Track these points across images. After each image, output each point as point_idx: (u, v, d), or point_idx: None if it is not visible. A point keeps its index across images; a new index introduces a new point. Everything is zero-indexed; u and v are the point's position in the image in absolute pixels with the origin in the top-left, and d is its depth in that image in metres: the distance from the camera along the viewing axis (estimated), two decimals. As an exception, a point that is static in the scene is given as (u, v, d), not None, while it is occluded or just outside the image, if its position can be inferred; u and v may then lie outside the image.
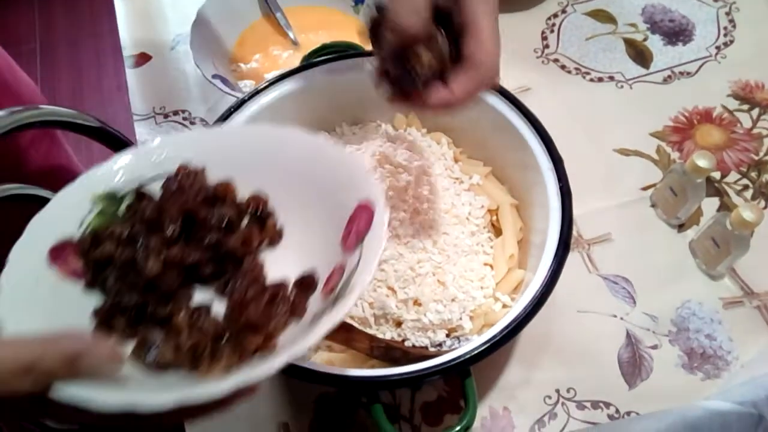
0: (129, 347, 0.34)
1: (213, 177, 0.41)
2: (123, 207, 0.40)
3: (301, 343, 0.30)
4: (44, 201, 0.68)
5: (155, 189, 0.40)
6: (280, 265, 0.39)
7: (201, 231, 0.38)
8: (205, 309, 0.36)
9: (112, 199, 0.40)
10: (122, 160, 0.41)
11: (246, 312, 0.34)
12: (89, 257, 0.37)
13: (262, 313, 0.35)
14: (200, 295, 0.37)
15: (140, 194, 0.40)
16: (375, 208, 0.36)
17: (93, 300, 0.36)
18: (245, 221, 0.40)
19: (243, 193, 0.41)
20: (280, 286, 0.37)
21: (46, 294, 0.34)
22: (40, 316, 0.32)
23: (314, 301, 0.36)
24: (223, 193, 0.40)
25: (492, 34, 0.41)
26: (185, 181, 0.40)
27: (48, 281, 0.35)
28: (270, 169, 0.41)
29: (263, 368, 0.29)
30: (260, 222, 0.40)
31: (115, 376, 0.29)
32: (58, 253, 0.36)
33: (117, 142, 0.69)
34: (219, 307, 0.37)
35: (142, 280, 0.35)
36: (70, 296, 0.35)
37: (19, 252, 0.34)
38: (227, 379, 0.29)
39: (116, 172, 0.40)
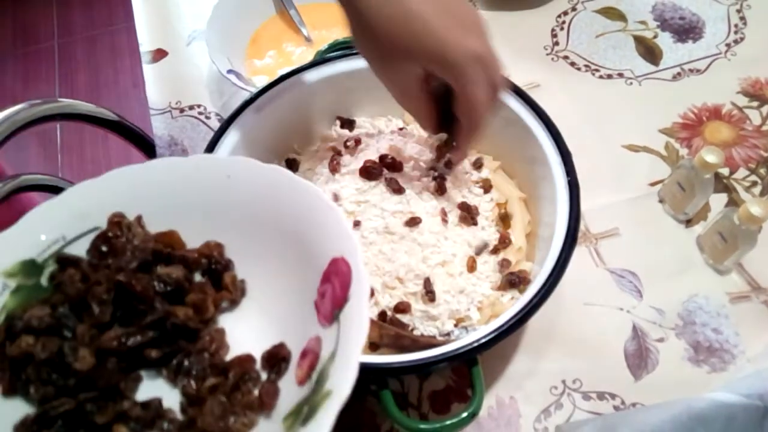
0: None
1: (152, 226, 0.34)
2: (45, 277, 0.33)
3: None
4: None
5: (83, 250, 0.33)
6: (244, 331, 0.33)
7: (141, 305, 0.31)
8: (155, 408, 0.30)
9: (30, 269, 0.32)
10: (38, 215, 0.33)
11: (204, 416, 0.29)
12: (3, 356, 0.30)
13: (221, 413, 0.29)
14: (149, 384, 0.31)
15: (63, 260, 0.33)
16: (352, 268, 0.29)
17: (12, 409, 0.29)
18: (196, 278, 0.34)
19: (190, 242, 0.34)
20: (245, 365, 0.31)
21: None
22: None
23: (287, 386, 0.31)
24: (166, 247, 0.33)
25: (475, 99, 0.43)
26: (118, 239, 0.33)
27: None
28: (221, 211, 0.34)
29: None
30: (215, 277, 0.34)
31: None
32: None
33: (134, 135, 0.70)
34: (173, 399, 0.31)
35: (72, 378, 0.29)
36: None
37: None
38: None
39: (33, 232, 0.33)
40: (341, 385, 0.27)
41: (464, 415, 0.41)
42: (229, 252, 0.35)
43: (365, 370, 0.41)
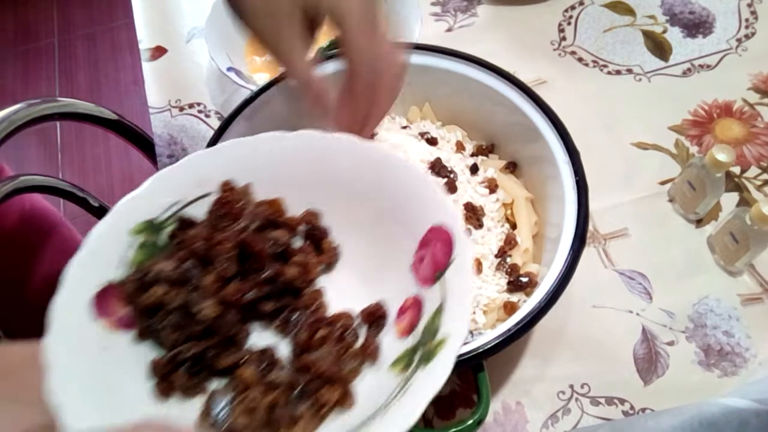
0: (194, 410, 0.31)
1: (258, 193, 0.37)
2: (164, 235, 0.36)
3: (404, 412, 0.27)
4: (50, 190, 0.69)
5: (198, 212, 0.36)
6: (338, 293, 0.35)
7: (257, 263, 0.34)
8: (269, 356, 0.33)
9: (150, 228, 0.36)
10: (155, 183, 0.36)
11: (316, 362, 0.31)
12: (137, 304, 0.33)
13: (333, 359, 0.31)
14: (258, 336, 0.34)
15: (184, 221, 0.36)
16: (453, 234, 0.32)
17: (144, 351, 0.32)
18: (297, 243, 0.36)
19: (291, 210, 0.37)
20: (346, 320, 0.33)
21: (97, 357, 0.31)
22: (96, 392, 0.29)
23: (388, 340, 0.33)
24: (273, 214, 0.36)
25: (360, 31, 0.38)
26: (233, 204, 0.36)
27: (96, 341, 0.31)
28: (319, 181, 0.37)
29: None
30: (315, 243, 0.37)
31: None
32: (101, 302, 0.32)
33: (134, 135, 0.69)
34: (283, 349, 0.33)
35: (198, 325, 0.32)
36: (120, 353, 0.32)
37: (60, 312, 0.31)
38: None
39: (151, 197, 0.36)
40: (456, 331, 0.29)
41: (470, 421, 0.40)
42: (326, 220, 0.37)
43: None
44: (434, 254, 0.32)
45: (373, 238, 0.35)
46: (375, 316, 0.34)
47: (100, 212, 0.74)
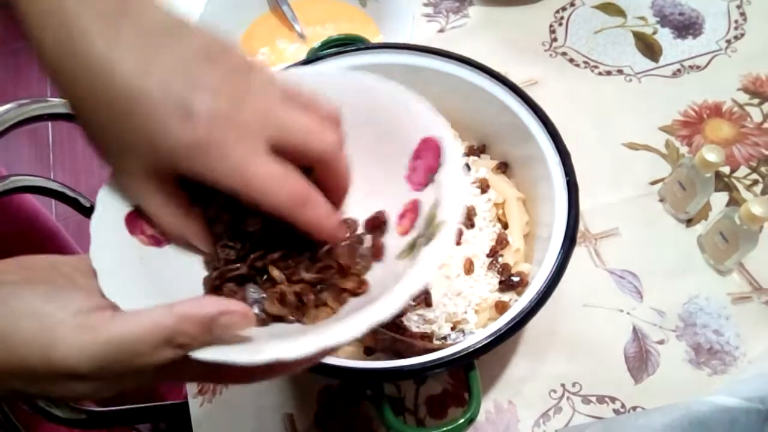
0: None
1: None
2: None
3: (410, 278, 0.29)
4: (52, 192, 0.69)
5: None
6: (342, 212, 0.37)
7: None
8: (294, 256, 0.35)
9: None
10: None
11: (335, 254, 0.34)
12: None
13: (348, 253, 0.34)
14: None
15: None
16: (442, 142, 0.34)
17: (182, 263, 0.34)
18: None
19: None
20: (352, 224, 0.36)
21: (138, 264, 0.32)
22: (145, 289, 0.31)
23: (391, 240, 0.35)
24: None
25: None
26: None
27: (135, 251, 0.33)
28: None
29: (385, 307, 0.28)
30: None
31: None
32: (132, 221, 0.34)
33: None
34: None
35: (246, 238, 0.34)
36: (157, 265, 0.33)
37: (97, 227, 0.32)
38: (357, 320, 0.28)
39: None
40: (453, 214, 0.31)
41: (461, 420, 0.40)
42: None
43: (360, 375, 0.41)
44: (426, 161, 0.35)
45: (372, 159, 0.37)
46: (377, 223, 0.36)
47: (91, 213, 0.73)
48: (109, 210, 0.33)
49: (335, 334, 0.27)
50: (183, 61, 0.29)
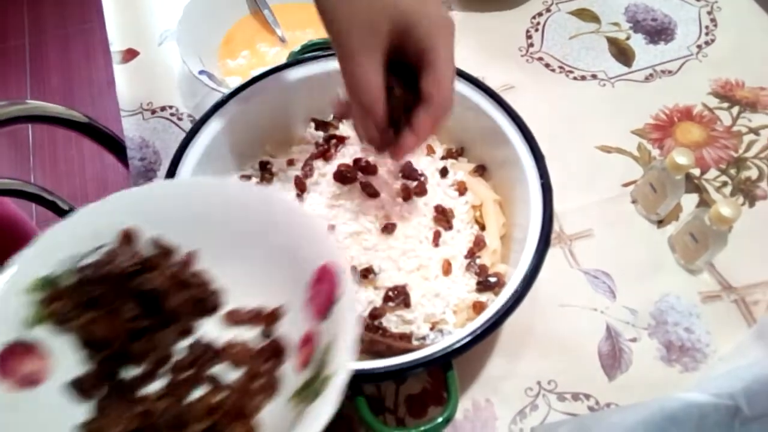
0: None
1: (145, 236, 0.39)
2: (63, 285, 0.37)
3: None
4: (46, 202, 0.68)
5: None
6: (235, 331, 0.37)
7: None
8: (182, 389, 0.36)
9: (47, 285, 0.36)
10: (47, 240, 0.38)
11: (224, 401, 0.34)
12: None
13: (237, 395, 0.34)
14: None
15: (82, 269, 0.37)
16: (338, 272, 0.34)
17: (56, 407, 0.33)
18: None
19: (183, 251, 0.39)
20: (243, 350, 0.36)
21: (6, 419, 0.32)
22: None
23: (288, 372, 0.35)
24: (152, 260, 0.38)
25: (448, 69, 0.42)
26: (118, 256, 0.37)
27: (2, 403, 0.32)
28: (208, 224, 0.39)
29: None
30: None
31: None
32: (6, 362, 0.33)
33: (106, 138, 0.69)
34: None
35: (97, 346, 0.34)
36: (29, 409, 0.33)
37: None
38: None
39: (45, 253, 0.37)
40: (341, 367, 0.31)
41: (439, 420, 0.41)
42: (217, 261, 0.40)
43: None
44: (326, 290, 0.35)
45: (264, 281, 0.38)
46: (276, 351, 0.36)
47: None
48: None
49: None
50: None
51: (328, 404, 0.30)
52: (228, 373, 0.37)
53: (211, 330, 0.39)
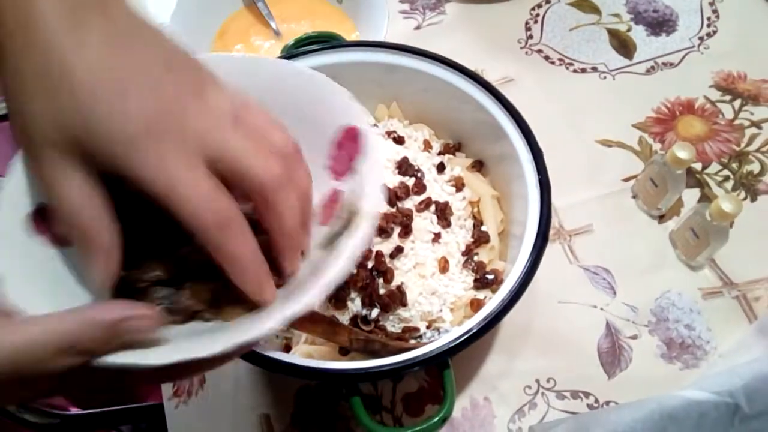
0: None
1: None
2: None
3: (330, 270, 0.29)
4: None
5: None
6: None
7: None
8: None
9: None
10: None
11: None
12: None
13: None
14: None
15: None
16: (361, 132, 0.35)
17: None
18: None
19: None
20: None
21: (46, 266, 0.31)
22: (52, 294, 0.30)
23: (313, 230, 0.35)
24: None
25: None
26: None
27: (40, 253, 0.31)
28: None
29: (302, 301, 0.28)
30: None
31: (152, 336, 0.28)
32: (38, 221, 0.32)
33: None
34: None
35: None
36: (64, 266, 0.32)
37: (1, 229, 0.31)
38: (274, 314, 0.27)
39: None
40: (373, 206, 0.32)
41: (436, 419, 0.40)
42: None
43: (335, 375, 0.41)
44: (347, 151, 0.35)
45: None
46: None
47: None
48: (13, 209, 0.32)
49: (252, 330, 0.27)
50: (143, 63, 0.28)
51: (362, 234, 0.30)
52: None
53: None
